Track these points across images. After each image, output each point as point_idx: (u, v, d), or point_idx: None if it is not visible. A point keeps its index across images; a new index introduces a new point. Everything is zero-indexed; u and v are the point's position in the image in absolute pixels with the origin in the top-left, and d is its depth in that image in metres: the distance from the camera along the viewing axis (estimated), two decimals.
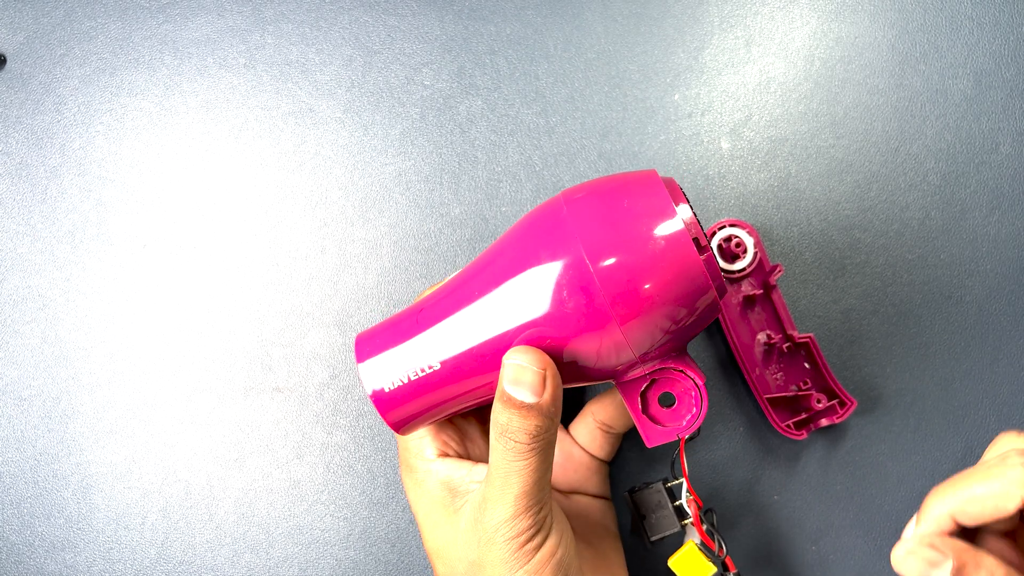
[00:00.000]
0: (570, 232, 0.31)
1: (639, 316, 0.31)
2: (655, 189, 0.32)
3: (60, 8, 0.46)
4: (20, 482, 0.44)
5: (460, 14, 0.46)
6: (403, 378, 0.34)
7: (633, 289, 0.31)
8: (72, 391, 0.45)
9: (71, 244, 0.45)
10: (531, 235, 0.33)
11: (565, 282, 0.31)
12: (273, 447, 0.44)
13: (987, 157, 0.45)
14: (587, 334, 0.32)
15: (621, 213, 0.31)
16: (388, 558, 0.44)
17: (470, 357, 0.34)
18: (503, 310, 0.33)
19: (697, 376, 0.34)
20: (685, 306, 0.31)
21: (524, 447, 0.33)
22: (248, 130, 0.46)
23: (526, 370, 0.32)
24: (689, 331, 0.33)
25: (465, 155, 0.45)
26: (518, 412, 0.32)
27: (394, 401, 0.35)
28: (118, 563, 0.44)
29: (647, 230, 0.31)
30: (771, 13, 0.46)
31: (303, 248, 0.45)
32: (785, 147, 0.45)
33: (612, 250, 0.31)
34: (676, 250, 0.31)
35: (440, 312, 0.34)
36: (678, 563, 0.37)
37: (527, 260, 0.32)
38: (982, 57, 0.45)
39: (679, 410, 0.35)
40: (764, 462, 0.44)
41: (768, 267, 0.42)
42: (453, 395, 0.35)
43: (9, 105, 0.46)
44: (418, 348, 0.34)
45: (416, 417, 0.36)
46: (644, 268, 0.31)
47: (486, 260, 0.34)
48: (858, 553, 0.43)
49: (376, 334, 0.36)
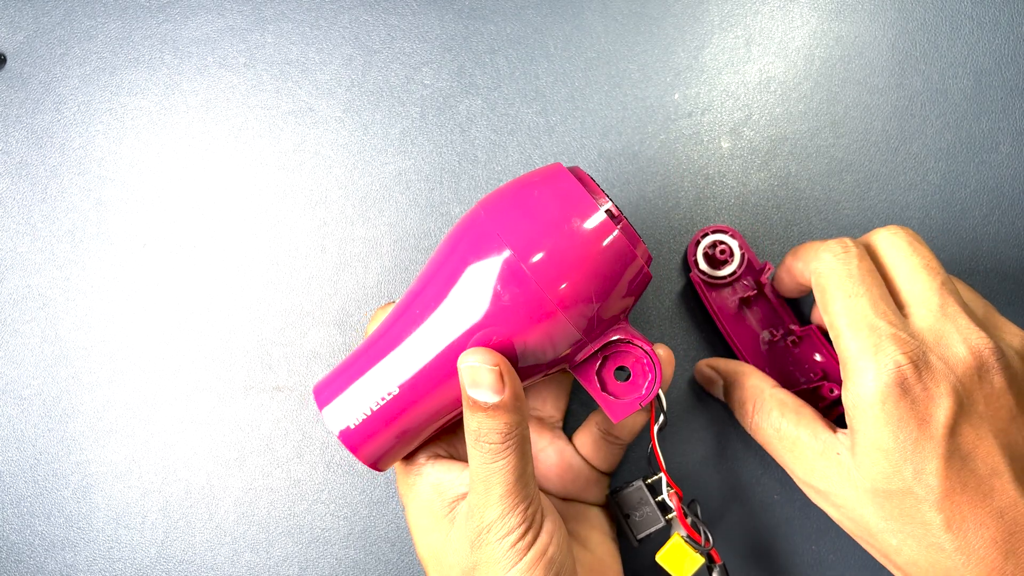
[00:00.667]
0: (491, 232, 0.33)
1: (572, 293, 0.32)
2: (560, 175, 0.34)
3: (60, 7, 0.46)
4: (20, 481, 0.44)
5: (460, 13, 0.46)
6: (365, 411, 0.35)
7: (561, 269, 0.32)
8: (72, 390, 0.45)
9: (71, 243, 0.45)
10: (458, 246, 0.34)
11: (497, 278, 0.32)
12: (273, 446, 0.44)
13: (987, 157, 0.45)
14: (529, 323, 0.33)
15: (534, 203, 0.33)
16: (388, 557, 0.44)
17: (426, 374, 0.34)
18: (446, 321, 0.34)
19: (644, 343, 0.35)
20: (612, 275, 0.33)
21: (499, 447, 0.33)
22: (248, 129, 0.46)
23: (480, 370, 0.33)
24: (624, 301, 0.34)
25: (465, 154, 0.45)
26: (485, 414, 0.33)
27: (362, 436, 0.35)
28: (118, 562, 0.44)
29: (561, 212, 0.33)
30: (771, 13, 0.46)
31: (303, 247, 0.45)
32: (785, 147, 0.45)
33: (533, 238, 0.32)
34: (592, 224, 0.33)
35: (389, 341, 0.35)
36: (665, 557, 0.37)
37: (459, 269, 0.34)
38: (982, 57, 0.45)
39: (636, 380, 0.36)
40: (764, 462, 0.44)
41: (758, 266, 0.42)
42: (419, 417, 0.35)
43: (9, 104, 0.46)
44: (374, 379, 0.35)
45: (389, 448, 0.36)
46: (566, 247, 0.32)
47: (423, 281, 0.35)
48: (858, 553, 0.43)
49: (332, 379, 0.36)
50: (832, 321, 0.34)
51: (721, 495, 0.44)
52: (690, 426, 0.44)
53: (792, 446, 0.36)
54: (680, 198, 0.45)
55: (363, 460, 0.36)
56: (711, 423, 0.44)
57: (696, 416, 0.44)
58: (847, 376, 0.33)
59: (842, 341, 0.33)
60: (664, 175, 0.45)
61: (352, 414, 0.35)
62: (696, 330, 0.44)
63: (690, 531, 0.37)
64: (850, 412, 0.33)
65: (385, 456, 0.36)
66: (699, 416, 0.44)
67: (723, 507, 0.44)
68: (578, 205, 0.33)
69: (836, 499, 0.35)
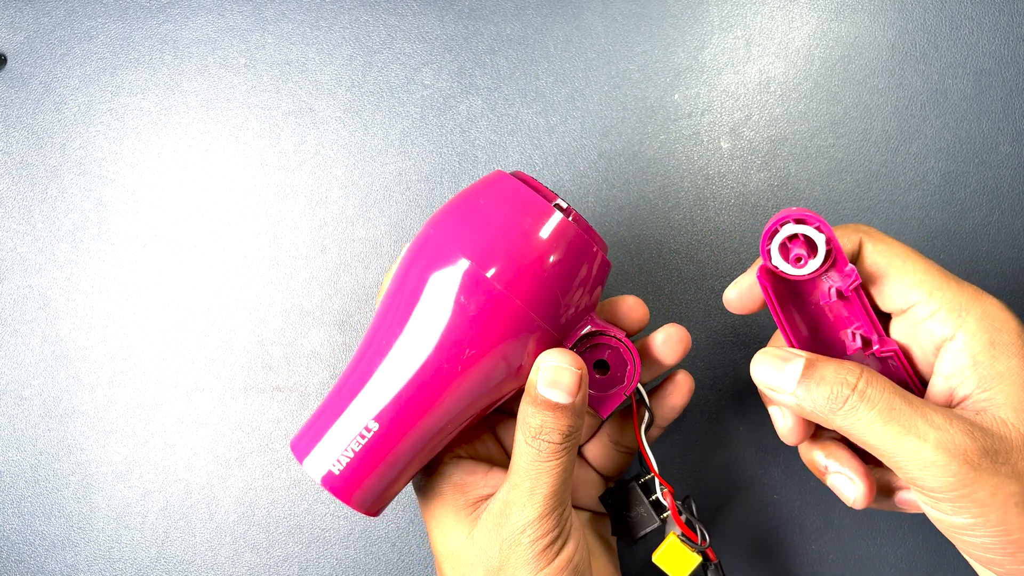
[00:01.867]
0: (444, 246, 0.33)
1: (537, 292, 0.32)
2: (501, 180, 0.34)
3: (60, 8, 0.46)
4: (20, 481, 0.45)
5: (460, 14, 0.46)
6: (347, 453, 0.34)
7: (521, 269, 0.32)
8: (72, 391, 0.45)
9: (72, 243, 0.45)
10: (412, 269, 0.34)
11: (459, 291, 0.32)
12: (273, 446, 0.44)
13: (987, 157, 0.45)
14: (500, 330, 0.32)
15: (482, 211, 0.33)
16: (388, 557, 0.44)
17: (404, 402, 0.33)
18: (414, 344, 0.33)
19: (617, 332, 0.35)
20: (572, 267, 0.33)
21: (557, 447, 0.33)
22: (248, 130, 0.46)
23: (564, 371, 0.33)
24: (589, 292, 0.34)
25: (465, 155, 0.45)
26: (552, 413, 0.33)
27: (347, 480, 0.34)
28: (118, 562, 0.44)
29: (510, 213, 0.33)
30: (771, 13, 0.46)
31: (303, 248, 0.45)
32: (785, 147, 0.45)
33: (487, 243, 0.32)
34: (542, 220, 0.33)
35: (359, 377, 0.34)
36: (662, 558, 0.37)
37: (418, 291, 0.33)
38: (982, 57, 0.45)
39: (616, 371, 0.36)
40: (764, 462, 0.44)
41: (843, 268, 0.34)
42: (405, 450, 0.34)
43: (9, 105, 0.46)
44: (350, 419, 0.34)
45: (379, 490, 0.35)
46: (522, 246, 0.32)
47: (383, 313, 0.35)
48: (858, 553, 0.44)
49: (307, 430, 0.35)
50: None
51: (720, 495, 0.44)
52: (689, 425, 0.44)
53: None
54: (680, 198, 0.45)
55: (355, 506, 0.34)
56: (711, 421, 0.44)
57: (696, 412, 0.44)
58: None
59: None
60: (664, 175, 0.45)
61: (332, 459, 0.34)
62: (693, 331, 0.44)
63: (685, 529, 0.37)
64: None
65: (378, 498, 0.35)
66: (699, 414, 0.44)
67: (722, 507, 0.44)
68: (526, 204, 0.33)
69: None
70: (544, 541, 0.33)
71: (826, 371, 0.32)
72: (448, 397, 0.33)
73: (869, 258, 0.34)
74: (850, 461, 0.35)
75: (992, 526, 0.30)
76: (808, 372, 0.32)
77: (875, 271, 0.34)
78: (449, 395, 0.33)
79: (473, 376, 0.33)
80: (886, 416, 0.30)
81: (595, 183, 0.45)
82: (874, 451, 0.31)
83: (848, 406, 0.31)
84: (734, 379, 0.44)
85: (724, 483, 0.44)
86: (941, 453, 0.29)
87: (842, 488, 0.35)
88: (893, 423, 0.30)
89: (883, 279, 0.34)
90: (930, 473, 0.29)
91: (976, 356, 0.31)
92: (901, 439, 0.30)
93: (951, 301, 0.32)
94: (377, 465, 0.34)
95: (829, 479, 0.36)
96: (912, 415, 0.30)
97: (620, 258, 0.45)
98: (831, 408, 0.31)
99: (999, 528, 0.30)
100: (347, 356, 0.45)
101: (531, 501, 0.33)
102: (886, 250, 0.34)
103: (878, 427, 0.30)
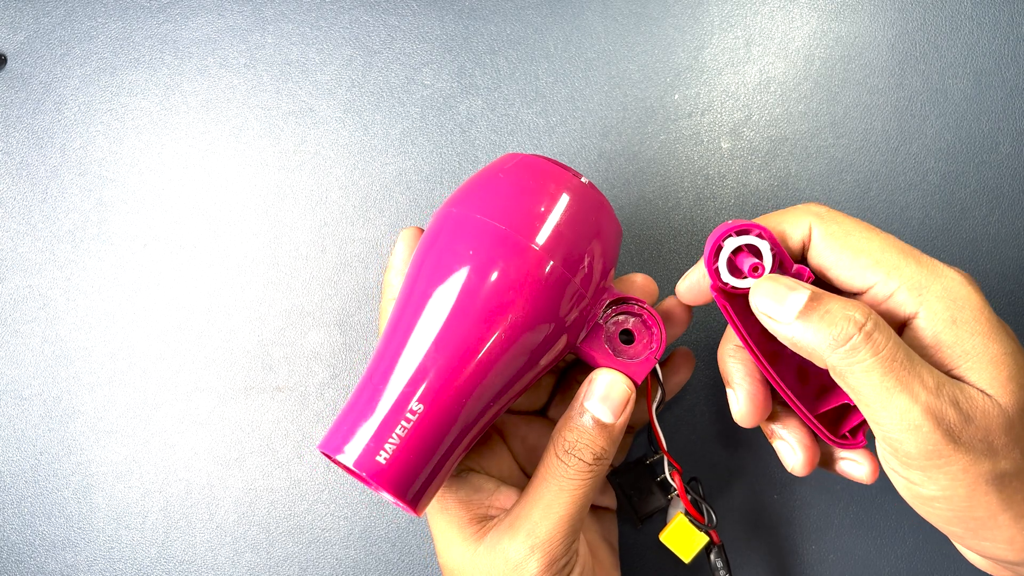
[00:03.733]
0: (473, 219, 0.33)
1: (568, 251, 0.33)
2: (514, 156, 0.35)
3: (60, 8, 0.46)
4: (20, 482, 0.45)
5: (460, 14, 0.46)
6: (393, 441, 0.31)
7: (552, 230, 0.33)
8: (73, 391, 0.45)
9: (72, 243, 0.45)
10: (442, 246, 0.33)
11: (498, 256, 0.32)
12: (273, 446, 0.44)
13: (987, 157, 0.45)
14: (540, 290, 0.32)
15: (505, 182, 0.34)
16: (389, 557, 0.44)
17: (448, 379, 0.31)
18: (457, 320, 0.32)
19: (639, 300, 0.36)
20: (597, 227, 0.34)
21: (586, 466, 0.33)
22: (248, 130, 0.46)
23: (618, 386, 0.33)
24: (610, 254, 0.35)
25: (465, 155, 0.45)
26: (592, 430, 0.33)
27: (396, 471, 0.31)
28: (118, 562, 0.44)
29: (535, 180, 0.34)
30: (771, 13, 0.46)
31: (303, 248, 0.45)
32: (785, 147, 0.45)
33: (522, 208, 0.33)
34: (563, 183, 0.34)
35: (391, 363, 0.32)
36: (669, 537, 0.37)
37: (452, 265, 0.33)
38: (982, 57, 0.45)
39: (642, 338, 0.36)
40: (764, 461, 0.44)
41: (791, 269, 0.34)
42: (454, 432, 0.32)
43: (9, 105, 0.46)
44: (391, 404, 0.31)
45: (429, 480, 0.32)
46: (551, 208, 0.33)
47: (409, 293, 0.34)
48: (858, 553, 0.44)
49: (339, 426, 0.32)
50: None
51: (720, 495, 0.44)
52: (688, 426, 0.44)
53: None
54: (680, 198, 0.45)
55: (407, 502, 0.31)
56: (711, 422, 0.44)
57: (693, 416, 0.44)
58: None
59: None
60: (664, 175, 0.45)
61: (376, 449, 0.31)
62: (693, 331, 0.44)
63: (692, 510, 0.37)
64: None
65: (426, 492, 0.32)
66: (696, 417, 0.44)
67: (722, 507, 0.44)
68: (548, 172, 0.34)
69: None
70: (555, 567, 0.33)
71: (832, 306, 0.30)
72: (495, 369, 0.32)
73: (819, 245, 0.33)
74: (797, 430, 0.35)
75: (959, 500, 0.29)
76: (812, 305, 0.30)
77: (828, 256, 0.32)
78: (496, 367, 0.32)
79: (519, 344, 0.32)
80: (886, 366, 0.29)
81: (595, 183, 0.45)
82: (859, 399, 0.30)
83: (850, 346, 0.29)
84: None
85: (724, 483, 0.44)
86: (928, 418, 0.28)
87: (784, 454, 0.35)
88: (891, 375, 0.28)
89: (838, 263, 0.32)
90: (911, 436, 0.28)
91: (939, 335, 0.30)
92: (894, 395, 0.28)
93: (909, 279, 0.31)
94: (427, 450, 0.31)
95: (775, 443, 0.36)
96: (911, 371, 0.29)
97: (620, 258, 0.45)
98: (831, 345, 0.29)
99: (965, 504, 0.29)
100: (347, 356, 0.45)
101: (545, 521, 0.33)
102: (838, 231, 0.32)
103: (875, 376, 0.29)
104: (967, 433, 0.28)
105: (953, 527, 0.31)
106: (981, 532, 0.30)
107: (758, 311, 0.32)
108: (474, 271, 0.32)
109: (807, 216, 0.33)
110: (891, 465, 0.31)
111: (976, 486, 0.29)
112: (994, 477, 0.29)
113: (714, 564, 0.38)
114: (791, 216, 0.33)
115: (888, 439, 0.29)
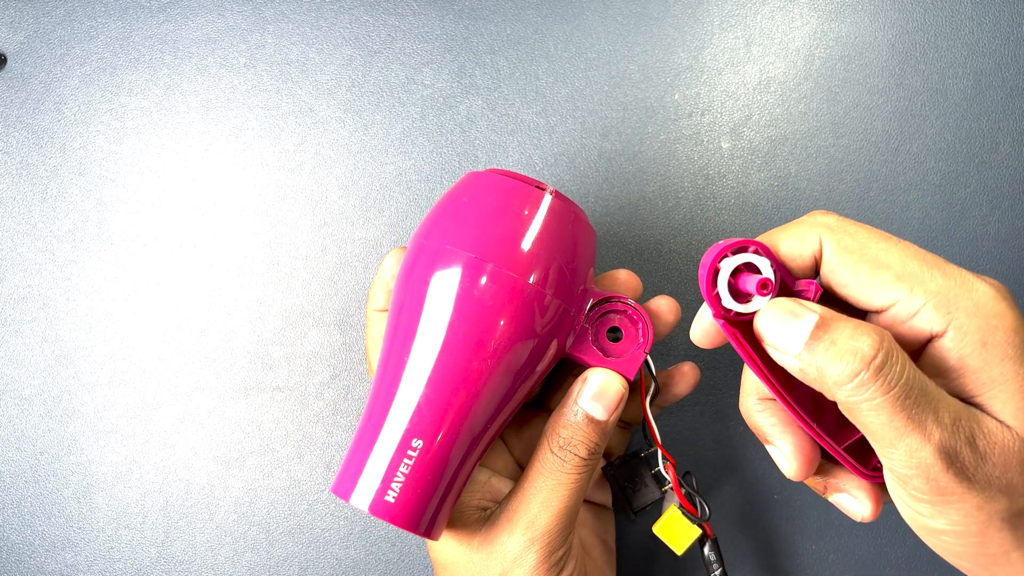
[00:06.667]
0: (444, 250, 0.33)
1: (542, 268, 0.33)
2: (475, 176, 0.35)
3: (60, 8, 0.46)
4: (20, 482, 0.45)
5: (460, 14, 0.46)
6: (399, 480, 0.32)
7: (521, 249, 0.33)
8: (73, 390, 0.45)
9: (71, 243, 0.45)
10: (417, 279, 0.34)
11: (471, 284, 0.32)
12: (274, 446, 0.44)
13: (987, 157, 0.45)
14: (516, 310, 0.32)
15: (468, 206, 0.34)
16: (388, 557, 0.44)
17: (441, 412, 0.33)
18: (442, 353, 0.33)
19: (622, 297, 0.36)
20: (564, 237, 0.34)
21: (581, 462, 0.33)
22: (248, 130, 0.46)
23: (613, 385, 0.33)
24: (584, 260, 0.35)
25: (465, 155, 0.45)
26: (586, 426, 0.33)
27: (405, 508, 0.32)
28: (118, 562, 0.44)
29: (497, 200, 0.34)
30: (771, 13, 0.46)
31: (303, 248, 0.45)
32: (785, 147, 0.45)
33: (486, 233, 0.33)
34: (526, 199, 0.34)
35: (386, 402, 0.33)
36: (662, 529, 0.37)
37: (428, 298, 0.33)
38: (982, 57, 0.45)
39: (630, 333, 0.36)
40: (764, 461, 0.44)
41: (794, 287, 0.31)
42: (454, 460, 0.33)
43: (9, 105, 0.46)
44: (391, 444, 0.33)
45: (439, 508, 0.33)
46: (517, 227, 0.33)
47: (394, 329, 0.34)
48: (858, 553, 0.44)
49: (347, 469, 0.34)
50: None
51: (720, 495, 0.44)
52: (689, 428, 0.44)
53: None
54: (680, 198, 0.45)
55: (419, 532, 0.33)
56: (710, 423, 0.44)
57: (695, 416, 0.44)
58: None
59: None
60: (664, 175, 0.45)
61: (387, 488, 0.32)
62: None
63: (686, 503, 0.37)
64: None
65: (439, 515, 0.33)
66: (698, 417, 0.44)
67: (722, 507, 0.44)
68: (509, 190, 0.34)
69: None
70: (551, 560, 0.33)
71: (839, 334, 0.27)
72: (485, 394, 0.33)
73: (832, 261, 0.30)
74: (793, 436, 0.32)
75: (970, 536, 0.27)
76: (818, 333, 0.27)
77: (844, 273, 0.30)
78: (485, 391, 0.33)
79: (504, 365, 0.33)
80: (897, 405, 0.26)
81: (595, 183, 0.45)
82: (866, 433, 0.27)
83: (856, 383, 0.26)
84: (735, 381, 0.44)
85: (724, 483, 0.44)
86: (939, 458, 0.26)
87: (779, 461, 0.33)
88: (902, 415, 0.26)
89: (855, 279, 0.29)
90: (921, 474, 0.26)
91: (967, 359, 0.28)
92: (905, 434, 0.26)
93: (936, 295, 0.28)
94: (432, 482, 0.33)
95: (769, 449, 0.33)
96: (925, 407, 0.26)
97: (620, 258, 0.45)
98: (836, 382, 0.27)
99: (977, 540, 0.27)
100: (347, 356, 0.45)
101: (544, 514, 0.33)
102: (852, 243, 0.30)
103: (884, 416, 0.26)
104: (982, 472, 0.26)
105: (962, 561, 0.29)
106: (992, 568, 0.28)
107: (764, 342, 0.30)
108: (454, 303, 0.33)
109: (815, 228, 0.30)
110: (898, 494, 0.29)
111: (990, 523, 0.27)
112: (1010, 515, 0.27)
113: (707, 557, 0.38)
114: (798, 230, 0.31)
115: (897, 474, 0.27)
